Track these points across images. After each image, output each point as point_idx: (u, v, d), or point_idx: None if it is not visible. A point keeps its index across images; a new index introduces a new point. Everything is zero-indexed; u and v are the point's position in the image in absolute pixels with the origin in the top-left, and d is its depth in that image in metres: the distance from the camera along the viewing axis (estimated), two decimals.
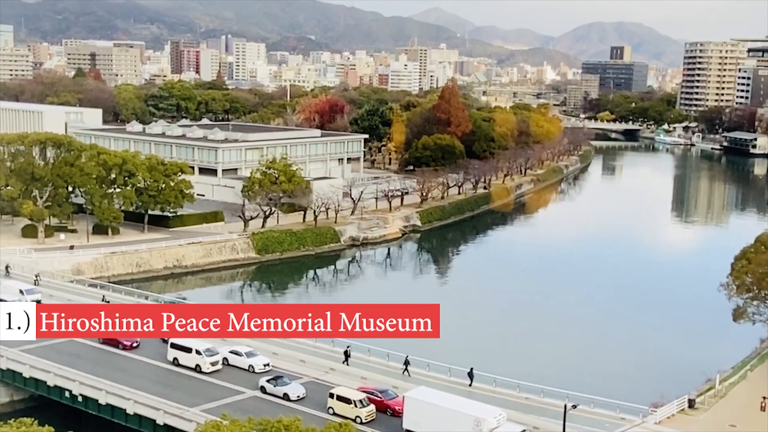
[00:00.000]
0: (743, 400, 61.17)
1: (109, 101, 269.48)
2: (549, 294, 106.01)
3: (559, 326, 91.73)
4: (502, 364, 69.90)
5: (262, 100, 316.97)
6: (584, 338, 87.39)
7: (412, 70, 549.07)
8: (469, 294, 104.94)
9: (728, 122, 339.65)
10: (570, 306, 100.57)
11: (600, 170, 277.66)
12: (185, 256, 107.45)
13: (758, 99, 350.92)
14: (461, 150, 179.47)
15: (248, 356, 63.01)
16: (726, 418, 58.08)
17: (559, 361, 78.64)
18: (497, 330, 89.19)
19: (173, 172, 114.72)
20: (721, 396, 62.23)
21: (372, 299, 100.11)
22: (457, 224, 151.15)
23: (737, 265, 75.68)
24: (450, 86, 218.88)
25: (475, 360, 66.41)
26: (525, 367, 71.41)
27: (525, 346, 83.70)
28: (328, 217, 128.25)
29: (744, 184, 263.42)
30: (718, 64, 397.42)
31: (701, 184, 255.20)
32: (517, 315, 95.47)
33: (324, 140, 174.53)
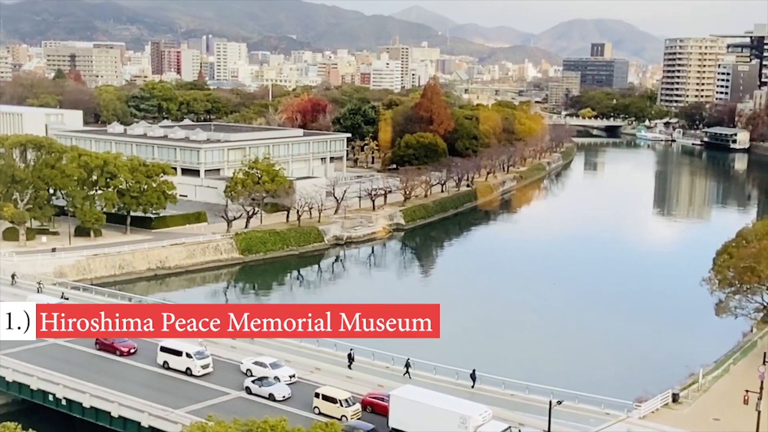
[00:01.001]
0: (727, 394, 61.60)
1: (90, 102, 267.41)
2: (533, 291, 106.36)
3: (543, 323, 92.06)
4: (486, 362, 69.99)
5: (243, 100, 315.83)
6: (568, 334, 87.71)
7: (393, 69, 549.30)
8: (453, 291, 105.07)
9: (708, 118, 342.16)
10: (554, 302, 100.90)
11: (582, 167, 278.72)
12: (168, 257, 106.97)
13: (738, 94, 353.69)
14: (444, 148, 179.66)
15: (273, 367, 60.97)
16: (710, 412, 58.49)
17: (543, 357, 78.92)
18: (481, 327, 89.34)
19: (155, 173, 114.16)
20: (705, 390, 62.67)
21: (356, 298, 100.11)
22: (440, 222, 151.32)
23: (719, 259, 76.29)
24: (432, 84, 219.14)
25: (459, 357, 66.63)
26: (510, 364, 71.63)
27: (509, 343, 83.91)
28: (312, 217, 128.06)
29: (725, 179, 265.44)
30: (698, 60, 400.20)
31: (682, 180, 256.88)
32: (501, 312, 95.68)
33: (306, 140, 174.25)
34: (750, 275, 69.44)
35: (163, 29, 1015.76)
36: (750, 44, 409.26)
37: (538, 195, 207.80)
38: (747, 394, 55.13)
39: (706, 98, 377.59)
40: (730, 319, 73.80)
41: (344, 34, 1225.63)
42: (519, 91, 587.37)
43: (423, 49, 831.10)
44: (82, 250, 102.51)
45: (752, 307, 71.88)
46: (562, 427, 51.61)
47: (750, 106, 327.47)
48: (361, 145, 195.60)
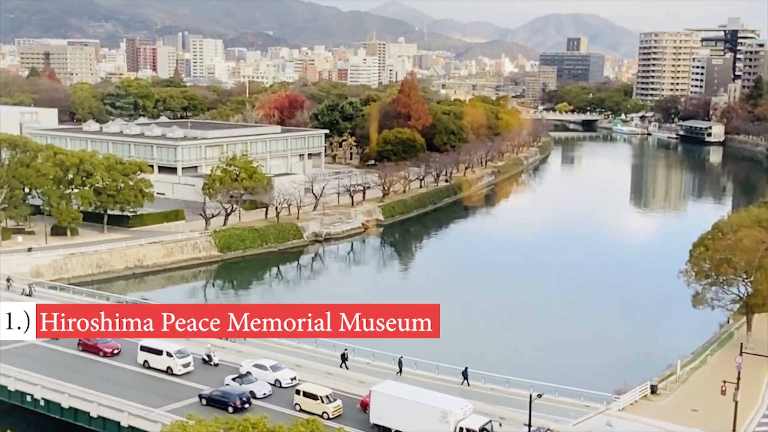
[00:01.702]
0: (704, 385, 62.20)
1: (65, 101, 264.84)
2: (511, 285, 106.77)
3: (522, 317, 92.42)
4: (466, 356, 70.17)
5: (220, 96, 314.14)
6: (547, 328, 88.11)
7: (371, 65, 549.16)
8: (431, 287, 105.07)
9: (684, 111, 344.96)
10: (532, 297, 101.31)
11: (559, 161, 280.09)
12: (146, 255, 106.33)
13: (712, 88, 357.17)
14: (422, 143, 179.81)
15: (274, 370, 59.77)
16: (688, 403, 59.03)
17: (523, 351, 79.26)
18: (459, 322, 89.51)
19: (132, 171, 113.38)
20: (683, 381, 63.25)
21: (336, 294, 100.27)
22: (419, 218, 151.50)
23: (695, 251, 76.81)
24: (409, 80, 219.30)
25: (440, 352, 66.70)
26: (490, 359, 71.83)
27: (488, 337, 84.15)
28: (291, 214, 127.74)
29: (700, 171, 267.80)
30: (673, 54, 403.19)
31: (658, 173, 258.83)
32: (479, 307, 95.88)
33: (284, 136, 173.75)
34: (726, 267, 70.01)
35: (138, 26, 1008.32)
36: (724, 38, 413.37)
37: (516, 189, 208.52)
38: (724, 384, 55.66)
39: (681, 92, 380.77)
40: (707, 310, 74.37)
41: (321, 30, 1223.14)
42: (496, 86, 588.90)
43: (400, 45, 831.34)
44: (59, 250, 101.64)
45: (728, 298, 72.42)
46: (542, 420, 51.87)
47: (724, 100, 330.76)
48: (339, 141, 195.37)
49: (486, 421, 50.71)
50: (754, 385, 60.82)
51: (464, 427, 49.77)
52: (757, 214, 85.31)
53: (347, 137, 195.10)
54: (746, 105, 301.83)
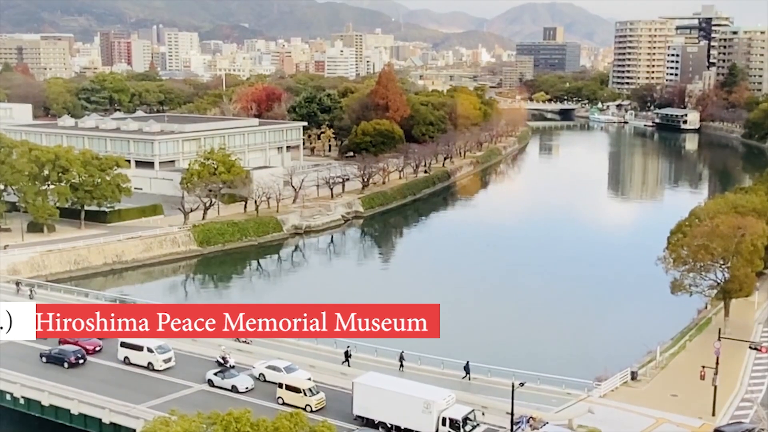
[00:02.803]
0: (683, 370, 62.86)
1: (39, 96, 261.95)
2: (489, 276, 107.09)
3: (501, 307, 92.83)
4: (448, 346, 70.45)
5: (197, 90, 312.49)
6: (527, 317, 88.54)
7: (348, 56, 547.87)
8: (412, 277, 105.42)
9: (659, 99, 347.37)
10: (511, 286, 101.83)
11: (537, 150, 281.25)
12: (125, 251, 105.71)
13: (687, 75, 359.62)
14: (400, 135, 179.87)
15: (288, 371, 58.48)
16: (668, 388, 59.65)
17: (503, 340, 79.63)
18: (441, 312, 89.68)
19: (109, 166, 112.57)
20: (662, 367, 63.89)
21: (317, 288, 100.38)
22: (399, 209, 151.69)
23: (673, 238, 77.52)
24: (387, 71, 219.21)
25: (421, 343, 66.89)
26: (471, 348, 72.14)
27: (468, 326, 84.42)
28: (270, 207, 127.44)
29: (677, 158, 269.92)
30: (648, 42, 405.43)
31: (635, 161, 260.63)
32: (459, 296, 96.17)
33: (262, 129, 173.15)
34: (704, 253, 70.70)
35: (112, 20, 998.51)
36: (698, 26, 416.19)
37: (495, 179, 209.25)
38: (703, 369, 56.28)
39: (656, 80, 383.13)
40: (686, 296, 75.14)
41: (297, 21, 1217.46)
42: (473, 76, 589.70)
43: (377, 36, 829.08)
44: (36, 247, 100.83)
45: (706, 284, 73.18)
46: (525, 408, 52.20)
47: (699, 87, 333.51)
48: (317, 134, 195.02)
49: (469, 410, 50.98)
50: (733, 370, 61.54)
51: (447, 417, 50.02)
52: (733, 200, 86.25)
53: (325, 129, 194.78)
54: (721, 92, 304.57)
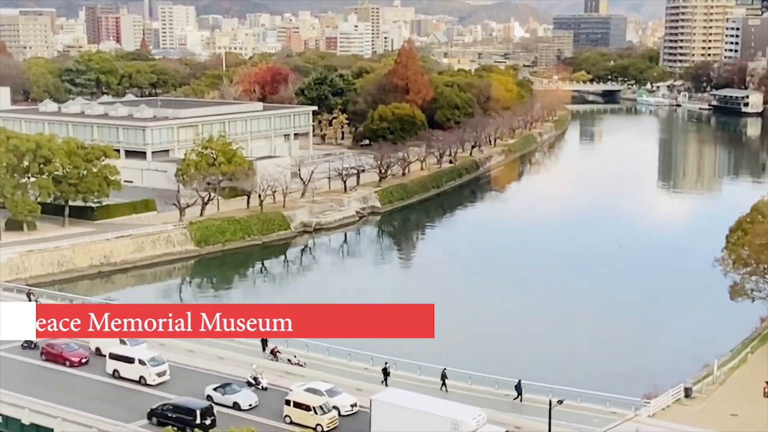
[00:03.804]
0: (744, 386, 62.38)
1: (18, 78, 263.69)
2: (524, 278, 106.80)
3: (539, 313, 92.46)
4: (477, 359, 70.43)
5: (194, 71, 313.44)
6: (567, 326, 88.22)
7: (363, 32, 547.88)
8: (439, 281, 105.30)
9: (717, 79, 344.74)
10: (549, 291, 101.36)
11: (577, 137, 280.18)
12: (114, 251, 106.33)
13: (749, 52, 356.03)
14: (422, 120, 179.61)
15: (330, 395, 57.50)
16: (726, 407, 59.20)
17: (540, 352, 79.36)
18: (469, 320, 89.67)
19: (96, 156, 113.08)
20: (720, 383, 63.41)
21: (329, 292, 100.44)
22: (421, 203, 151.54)
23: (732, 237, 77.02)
24: (407, 48, 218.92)
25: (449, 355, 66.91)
26: (503, 362, 72.03)
27: (501, 337, 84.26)
28: (276, 202, 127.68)
29: (736, 146, 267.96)
30: (704, 14, 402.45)
31: (689, 149, 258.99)
32: (492, 302, 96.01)
33: (267, 114, 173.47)
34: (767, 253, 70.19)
35: None
36: None
37: (529, 170, 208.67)
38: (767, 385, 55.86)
39: (713, 57, 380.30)
40: (747, 302, 74.62)
41: None
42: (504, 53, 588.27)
43: (396, 9, 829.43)
44: (15, 246, 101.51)
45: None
46: (563, 428, 52.04)
47: (763, 65, 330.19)
48: (329, 119, 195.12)
49: (501, 431, 50.84)
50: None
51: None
52: None
53: (338, 114, 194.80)
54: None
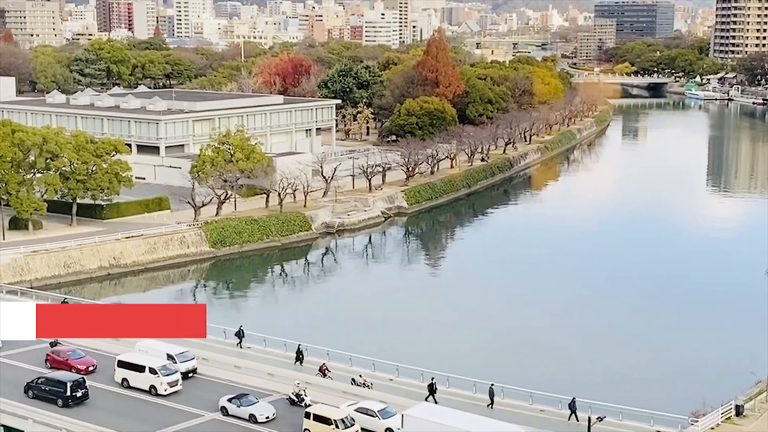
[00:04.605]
0: None
1: (24, 67, 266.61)
2: (561, 285, 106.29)
3: (579, 323, 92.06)
4: (510, 371, 70.14)
5: (210, 61, 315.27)
6: (609, 336, 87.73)
7: (390, 21, 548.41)
8: (471, 288, 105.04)
9: None
10: (590, 299, 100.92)
11: (620, 134, 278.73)
12: (124, 252, 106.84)
13: None
14: (453, 115, 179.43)
15: (383, 416, 56.23)
16: None
17: (579, 364, 78.97)
18: (500, 330, 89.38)
19: (106, 151, 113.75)
20: None
21: (352, 298, 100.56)
22: (450, 204, 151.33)
23: None
24: (437, 38, 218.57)
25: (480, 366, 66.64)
26: (537, 375, 71.68)
27: (538, 348, 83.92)
28: (296, 201, 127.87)
29: None
30: (759, 1, 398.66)
31: (742, 147, 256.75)
32: (527, 311, 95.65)
33: (288, 108, 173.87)
34: None
35: None
36: None
37: (568, 169, 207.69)
38: None
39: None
40: None
41: None
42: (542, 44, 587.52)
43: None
44: (19, 246, 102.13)
45: None
46: None
47: None
48: (353, 114, 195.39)
49: None
50: None
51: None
52: None
53: (363, 108, 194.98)
54: None
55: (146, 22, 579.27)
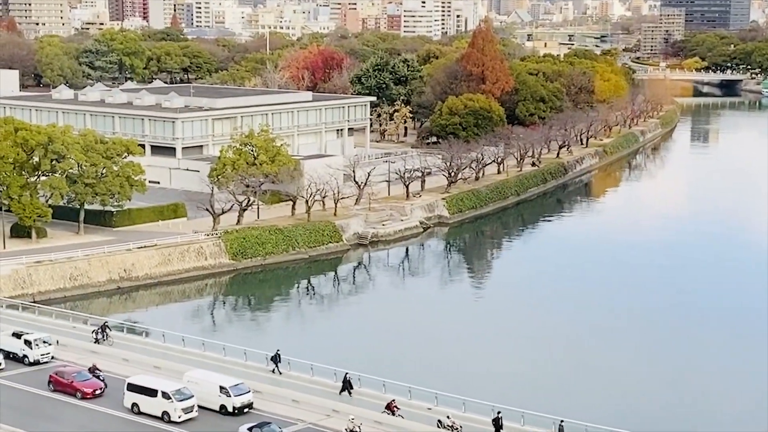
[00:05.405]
0: None
1: (28, 59, 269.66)
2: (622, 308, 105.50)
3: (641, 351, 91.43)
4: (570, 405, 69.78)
5: (233, 53, 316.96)
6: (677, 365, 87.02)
7: (432, 9, 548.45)
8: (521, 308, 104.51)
9: None
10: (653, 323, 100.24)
11: (688, 137, 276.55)
12: (136, 264, 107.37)
13: None
14: (500, 114, 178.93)
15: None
16: None
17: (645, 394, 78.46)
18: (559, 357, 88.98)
19: (117, 152, 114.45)
20: None
21: (385, 318, 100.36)
22: (497, 213, 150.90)
23: None
24: (483, 29, 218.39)
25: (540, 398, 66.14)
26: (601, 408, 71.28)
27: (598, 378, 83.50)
28: (325, 209, 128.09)
29: None
30: None
31: None
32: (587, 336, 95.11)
33: (317, 106, 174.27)
34: None
35: None
36: None
37: (629, 176, 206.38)
38: None
39: None
40: None
41: None
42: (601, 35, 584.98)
43: None
44: (21, 257, 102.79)
45: None
46: None
47: None
48: (389, 112, 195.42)
49: None
50: None
51: None
52: None
53: (400, 107, 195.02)
54: None
55: (162, 10, 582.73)
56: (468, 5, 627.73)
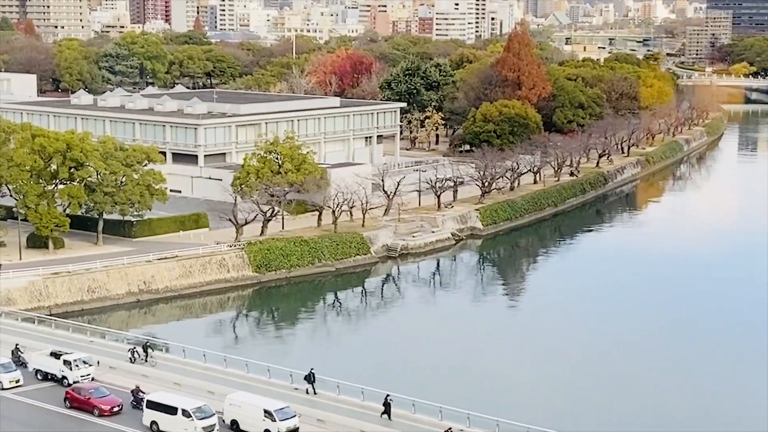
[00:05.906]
0: None
1: (47, 63, 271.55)
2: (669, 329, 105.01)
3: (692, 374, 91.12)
4: None
5: (257, 58, 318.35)
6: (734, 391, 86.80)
7: (465, 12, 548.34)
8: (559, 327, 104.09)
9: None
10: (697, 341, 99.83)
11: (736, 146, 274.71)
12: (156, 276, 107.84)
13: None
14: (537, 121, 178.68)
15: None
16: None
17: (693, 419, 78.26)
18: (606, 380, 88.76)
19: (137, 160, 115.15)
20: None
21: (421, 335, 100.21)
22: (533, 225, 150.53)
23: None
24: (519, 33, 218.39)
25: None
26: None
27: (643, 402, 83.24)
28: (353, 219, 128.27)
29: None
30: None
31: None
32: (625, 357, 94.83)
33: (345, 112, 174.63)
34: None
35: None
36: None
37: (672, 186, 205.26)
38: None
39: None
40: None
41: None
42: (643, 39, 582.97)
43: None
44: (38, 268, 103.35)
45: None
46: None
47: None
48: (420, 119, 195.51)
49: None
50: None
51: None
52: None
53: (432, 113, 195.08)
54: None
55: (185, 13, 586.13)
56: (503, 7, 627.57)
